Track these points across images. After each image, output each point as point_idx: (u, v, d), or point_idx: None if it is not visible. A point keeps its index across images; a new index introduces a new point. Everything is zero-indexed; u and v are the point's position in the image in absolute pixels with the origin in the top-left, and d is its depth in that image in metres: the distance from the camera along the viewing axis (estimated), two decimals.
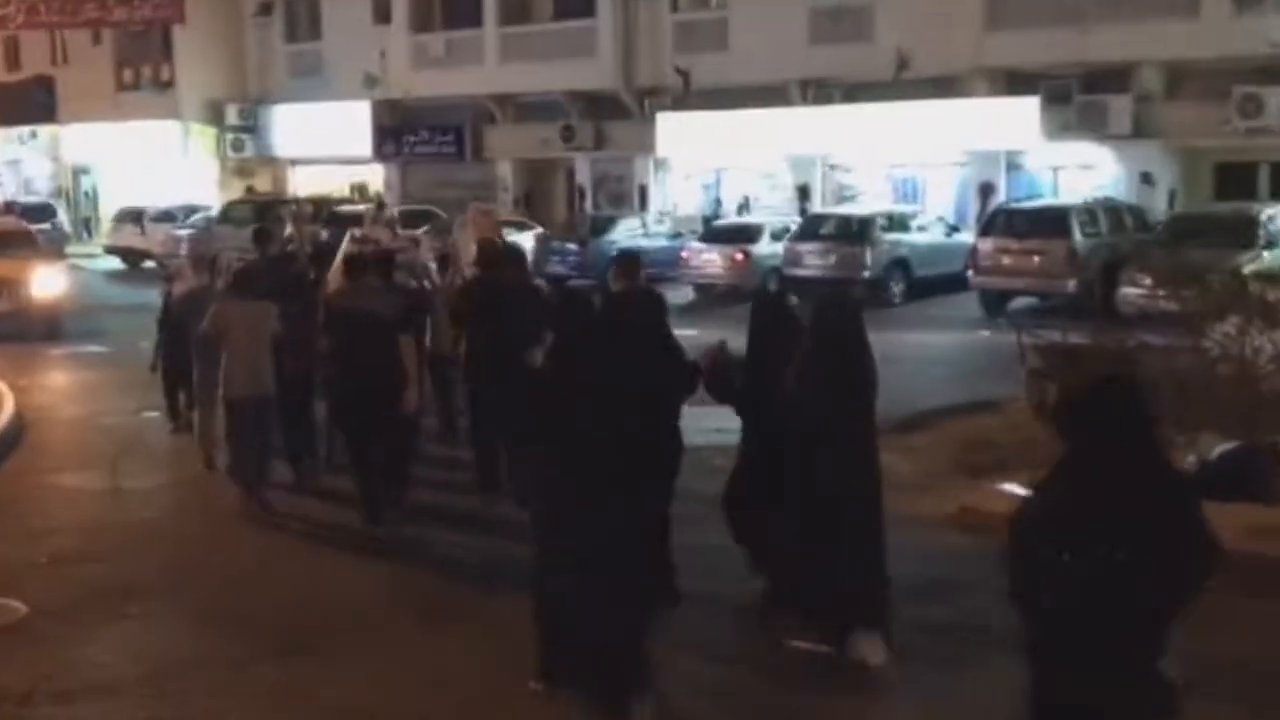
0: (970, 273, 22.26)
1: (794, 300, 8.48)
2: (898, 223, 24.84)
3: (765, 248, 24.85)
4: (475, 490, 10.18)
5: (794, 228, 25.28)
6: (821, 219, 25.52)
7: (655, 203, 31.95)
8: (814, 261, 23.81)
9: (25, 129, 45.90)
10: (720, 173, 31.88)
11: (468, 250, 13.12)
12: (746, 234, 25.58)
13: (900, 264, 23.96)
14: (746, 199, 30.90)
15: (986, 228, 22.85)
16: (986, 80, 26.41)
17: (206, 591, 8.53)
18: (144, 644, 7.65)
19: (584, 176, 33.83)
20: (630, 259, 9.22)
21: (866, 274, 23.45)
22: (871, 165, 29.25)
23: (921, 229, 25.21)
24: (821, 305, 7.44)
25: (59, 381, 17.53)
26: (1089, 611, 4.26)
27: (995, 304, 21.67)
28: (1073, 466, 4.34)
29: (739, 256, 24.66)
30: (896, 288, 23.76)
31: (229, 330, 10.12)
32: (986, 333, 19.05)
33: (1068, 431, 4.41)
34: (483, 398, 10.20)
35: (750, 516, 7.62)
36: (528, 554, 6.70)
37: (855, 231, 24.04)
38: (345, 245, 13.89)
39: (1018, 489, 4.60)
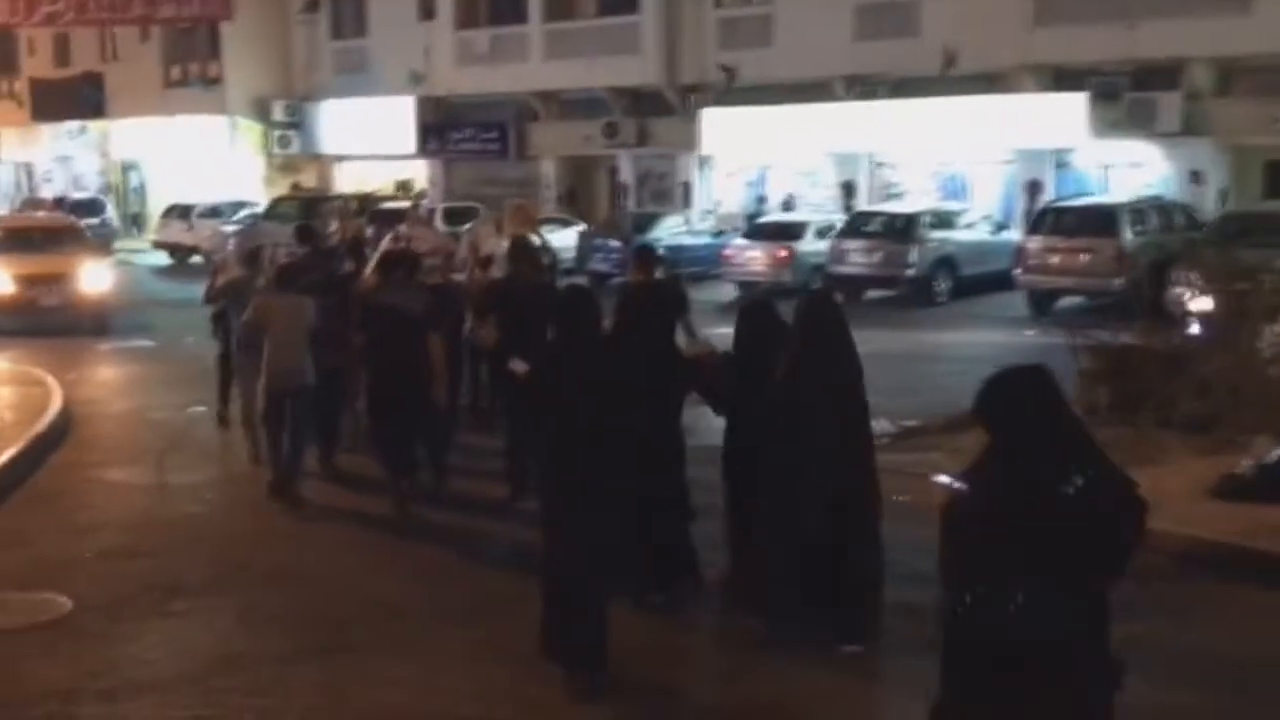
0: (1017, 271, 22.04)
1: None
2: (944, 220, 24.63)
3: (809, 245, 24.71)
4: (507, 479, 10.19)
5: (839, 225, 25.13)
6: (867, 216, 25.34)
7: (699, 200, 31.86)
8: (859, 259, 23.66)
9: (74, 125, 46.37)
10: (764, 169, 31.73)
11: (486, 243, 13.33)
12: (791, 231, 25.44)
13: (946, 262, 23.73)
14: (791, 196, 30.74)
15: (1034, 226, 22.66)
16: (1034, 77, 26.16)
17: (251, 587, 8.55)
18: (188, 641, 7.66)
19: (627, 173, 33.77)
20: (646, 252, 9.21)
21: (911, 272, 23.31)
22: (917, 162, 29.02)
23: (968, 227, 24.98)
24: (804, 302, 7.45)
25: (106, 376, 17.67)
26: (1019, 601, 4.25)
27: (1042, 303, 21.48)
28: (992, 457, 4.45)
29: (783, 254, 24.53)
30: (942, 286, 23.56)
31: (270, 322, 10.27)
32: (1031, 332, 18.87)
33: (982, 425, 4.54)
34: (507, 390, 10.32)
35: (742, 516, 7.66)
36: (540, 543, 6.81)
37: (901, 229, 23.86)
38: (386, 243, 13.96)
39: (948, 480, 4.63)
